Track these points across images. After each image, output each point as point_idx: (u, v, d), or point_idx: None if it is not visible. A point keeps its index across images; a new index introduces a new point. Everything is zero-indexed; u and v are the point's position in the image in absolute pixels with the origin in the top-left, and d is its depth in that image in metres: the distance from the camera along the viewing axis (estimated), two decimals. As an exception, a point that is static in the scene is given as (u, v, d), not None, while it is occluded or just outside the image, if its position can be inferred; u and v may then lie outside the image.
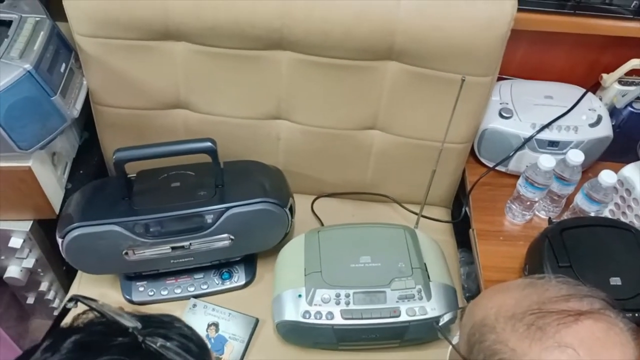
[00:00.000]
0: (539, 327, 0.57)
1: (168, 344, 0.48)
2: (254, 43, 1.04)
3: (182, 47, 1.06)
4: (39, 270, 1.24)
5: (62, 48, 1.06)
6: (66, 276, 1.30)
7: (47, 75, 0.98)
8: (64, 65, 1.05)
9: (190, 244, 1.05)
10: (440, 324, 0.97)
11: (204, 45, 1.05)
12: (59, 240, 1.02)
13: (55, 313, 1.32)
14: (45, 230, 1.19)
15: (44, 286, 1.28)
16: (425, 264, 1.04)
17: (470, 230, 1.16)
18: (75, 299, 0.51)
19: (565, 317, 0.56)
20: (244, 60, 1.07)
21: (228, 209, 1.03)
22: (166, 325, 0.51)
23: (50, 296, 1.31)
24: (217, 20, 1.00)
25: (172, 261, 1.07)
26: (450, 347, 0.73)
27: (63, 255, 1.03)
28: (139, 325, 0.48)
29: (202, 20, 1.00)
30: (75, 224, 1.00)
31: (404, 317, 0.98)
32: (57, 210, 1.13)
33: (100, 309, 0.50)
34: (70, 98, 1.06)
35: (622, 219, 1.09)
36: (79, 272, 1.15)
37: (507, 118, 1.15)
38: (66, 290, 1.26)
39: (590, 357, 0.54)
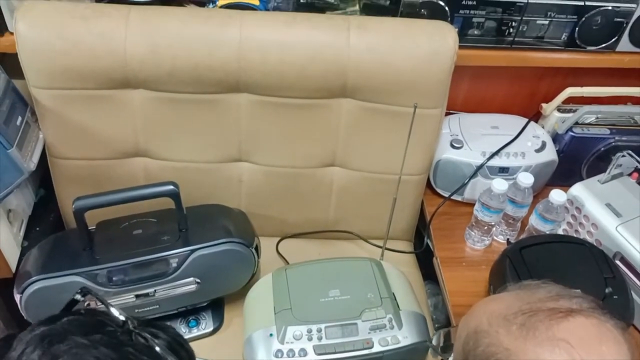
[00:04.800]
0: (532, 325, 0.57)
1: (157, 340, 0.52)
2: (212, 87, 1.06)
3: (140, 95, 1.07)
4: (-6, 335, 1.18)
5: (17, 102, 1.06)
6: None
7: (3, 127, 0.98)
8: (20, 118, 1.05)
9: (155, 290, 1.03)
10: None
11: (162, 92, 1.07)
12: (17, 297, 0.98)
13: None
14: (1, 291, 1.14)
15: (-2, 353, 1.21)
16: (393, 293, 1.05)
17: (434, 258, 1.18)
18: (84, 291, 0.56)
19: (556, 313, 0.57)
20: (203, 104, 1.09)
21: (193, 251, 1.02)
22: (160, 327, 0.55)
23: (5, 364, 1.24)
24: (175, 65, 1.02)
25: (136, 310, 1.04)
26: None
27: (22, 313, 0.99)
28: (134, 322, 0.53)
29: (160, 66, 1.02)
30: (34, 278, 0.97)
31: (377, 348, 0.98)
32: (13, 269, 1.09)
33: (102, 298, 0.55)
34: (27, 151, 1.05)
35: (576, 236, 1.13)
36: (38, 331, 1.10)
37: (458, 148, 1.20)
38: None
39: (587, 350, 0.55)
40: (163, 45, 1.02)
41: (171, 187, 1.00)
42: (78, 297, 0.56)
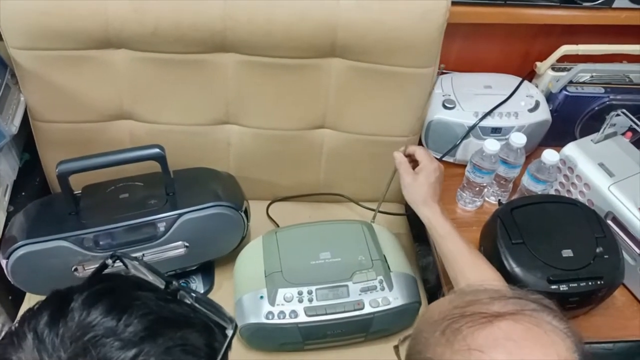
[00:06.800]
0: (452, 332, 0.55)
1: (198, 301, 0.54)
2: (197, 47, 1.03)
3: (123, 55, 1.04)
4: (-17, 302, 1.17)
5: (-4, 64, 1.03)
6: (13, 306, 1.23)
7: (-19, 90, 0.95)
8: (-2, 80, 1.02)
9: (143, 255, 1.02)
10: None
11: (146, 52, 1.03)
12: (3, 262, 0.97)
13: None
14: (-12, 257, 1.13)
15: (-11, 319, 1.21)
16: (384, 255, 1.05)
17: (425, 220, 1.17)
18: (117, 256, 0.54)
19: (478, 319, 0.54)
20: (188, 65, 1.06)
21: (181, 215, 1.01)
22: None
23: (-4, 329, 1.24)
24: (158, 24, 0.99)
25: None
26: None
27: (9, 278, 0.98)
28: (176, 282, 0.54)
29: (144, 25, 0.99)
30: (20, 243, 0.95)
31: (367, 309, 0.98)
32: (-1, 233, 1.08)
33: (143, 263, 0.54)
34: (8, 114, 1.03)
35: (568, 196, 1.12)
36: (27, 295, 1.10)
37: (450, 109, 1.18)
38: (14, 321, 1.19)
39: (504, 358, 0.52)
40: (146, 3, 0.98)
41: (157, 150, 0.98)
42: (109, 261, 0.55)
